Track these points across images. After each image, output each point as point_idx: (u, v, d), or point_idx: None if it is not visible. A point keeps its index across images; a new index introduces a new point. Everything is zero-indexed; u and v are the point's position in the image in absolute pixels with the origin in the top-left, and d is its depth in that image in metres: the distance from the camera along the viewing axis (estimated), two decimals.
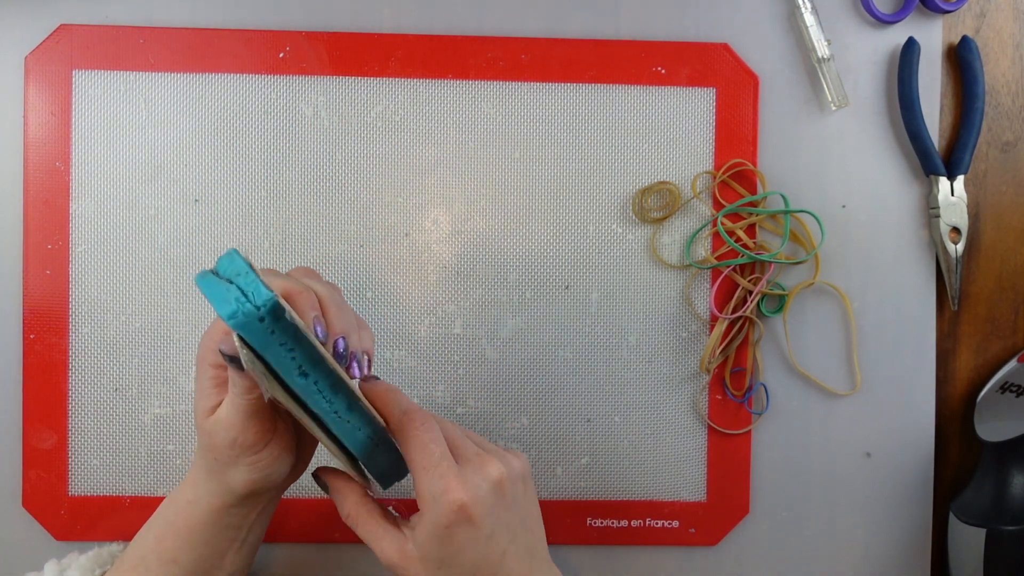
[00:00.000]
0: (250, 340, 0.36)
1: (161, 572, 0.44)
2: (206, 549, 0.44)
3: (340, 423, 0.41)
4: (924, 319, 0.57)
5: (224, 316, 0.34)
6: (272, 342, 0.36)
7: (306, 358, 0.38)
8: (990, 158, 0.58)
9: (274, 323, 0.36)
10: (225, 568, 0.45)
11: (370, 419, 0.42)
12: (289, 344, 0.37)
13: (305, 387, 0.38)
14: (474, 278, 0.55)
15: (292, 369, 0.38)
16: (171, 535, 0.44)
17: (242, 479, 0.42)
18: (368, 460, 0.43)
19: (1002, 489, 0.53)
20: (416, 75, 0.55)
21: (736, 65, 0.56)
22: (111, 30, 0.54)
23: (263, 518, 0.46)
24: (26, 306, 0.54)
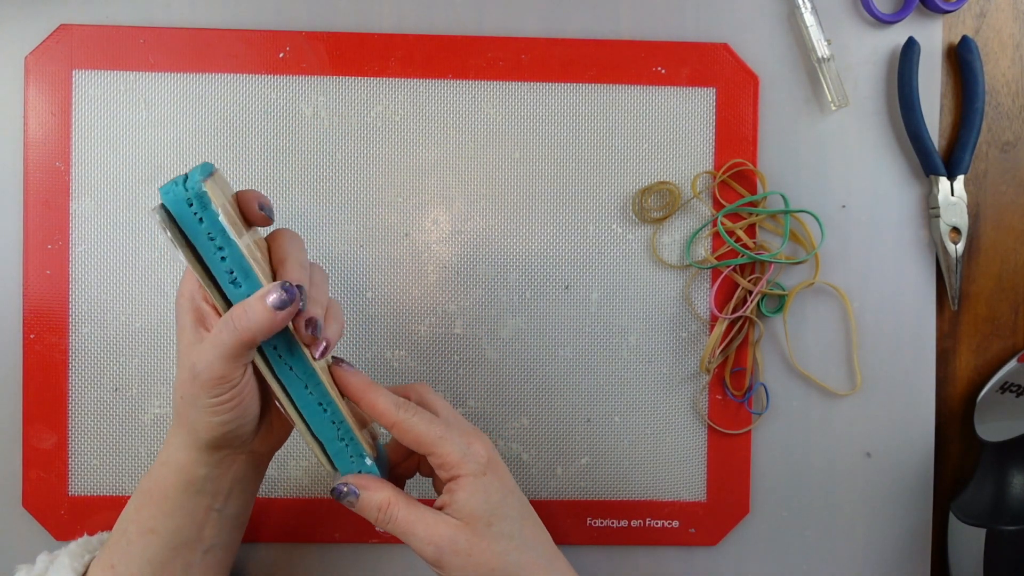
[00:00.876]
0: (179, 221, 0.37)
1: (141, 544, 0.43)
2: (182, 517, 0.43)
3: (282, 365, 0.41)
4: (924, 319, 0.57)
5: (159, 190, 0.37)
6: (200, 232, 0.38)
7: (237, 264, 0.38)
8: (990, 158, 0.58)
9: (202, 211, 0.37)
10: (204, 540, 0.44)
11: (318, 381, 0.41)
12: (218, 241, 0.38)
13: (239, 296, 0.39)
14: (474, 278, 0.55)
15: (223, 272, 0.38)
16: (148, 503, 0.43)
17: (204, 420, 0.40)
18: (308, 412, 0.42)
19: (1002, 489, 0.53)
20: (416, 75, 0.55)
21: (736, 65, 0.56)
22: (111, 30, 0.54)
23: (243, 489, 0.45)
24: (26, 306, 0.54)
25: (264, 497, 0.55)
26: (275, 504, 0.55)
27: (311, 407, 0.42)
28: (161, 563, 0.43)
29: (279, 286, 0.38)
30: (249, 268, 0.39)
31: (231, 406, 0.40)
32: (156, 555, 0.43)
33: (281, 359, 0.41)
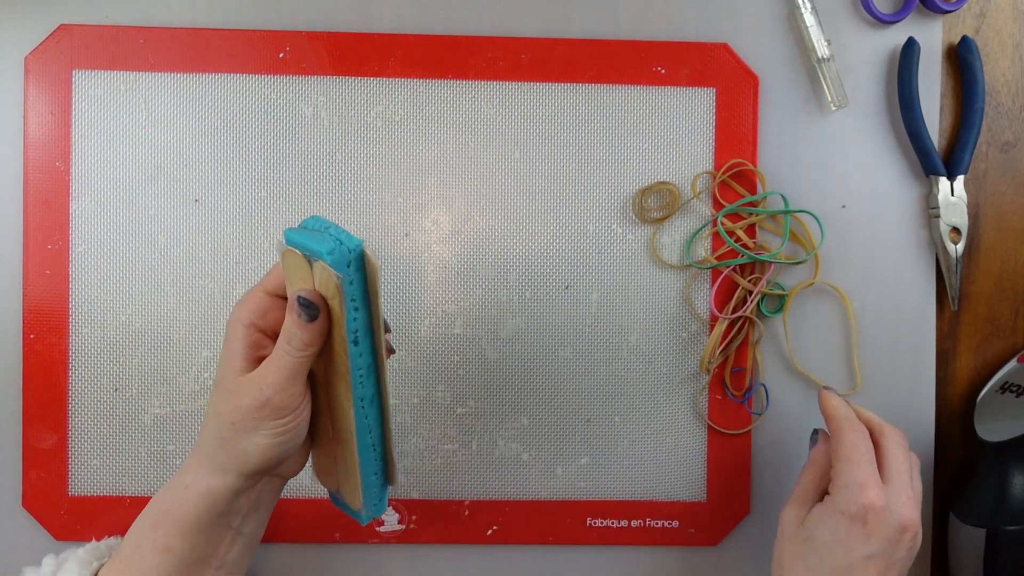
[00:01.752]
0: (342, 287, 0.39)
1: (155, 561, 0.43)
2: (200, 537, 0.43)
3: (361, 415, 0.42)
4: (924, 319, 0.57)
5: (323, 252, 0.38)
6: (348, 293, 0.39)
7: (363, 324, 0.40)
8: (990, 158, 0.58)
9: (355, 272, 0.39)
10: (219, 559, 0.44)
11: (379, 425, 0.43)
12: (356, 302, 0.40)
13: (353, 355, 0.41)
14: (474, 278, 0.55)
15: (351, 330, 0.40)
16: (166, 522, 0.43)
17: (260, 446, 0.41)
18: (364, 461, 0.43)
19: (1002, 489, 0.53)
20: (416, 75, 0.55)
21: (736, 65, 0.56)
22: (111, 30, 0.54)
23: (261, 509, 0.46)
24: (26, 306, 0.54)
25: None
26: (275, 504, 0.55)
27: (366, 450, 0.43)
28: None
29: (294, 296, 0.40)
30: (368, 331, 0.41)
31: (293, 428, 0.41)
32: (169, 573, 0.43)
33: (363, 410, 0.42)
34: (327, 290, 0.39)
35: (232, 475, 0.42)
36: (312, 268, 0.39)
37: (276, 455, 0.42)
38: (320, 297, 0.39)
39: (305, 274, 0.40)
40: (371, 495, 0.45)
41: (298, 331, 0.40)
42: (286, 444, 0.42)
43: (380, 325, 0.41)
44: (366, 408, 0.42)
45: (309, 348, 0.40)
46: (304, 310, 0.39)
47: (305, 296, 0.39)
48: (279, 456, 0.42)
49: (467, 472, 0.55)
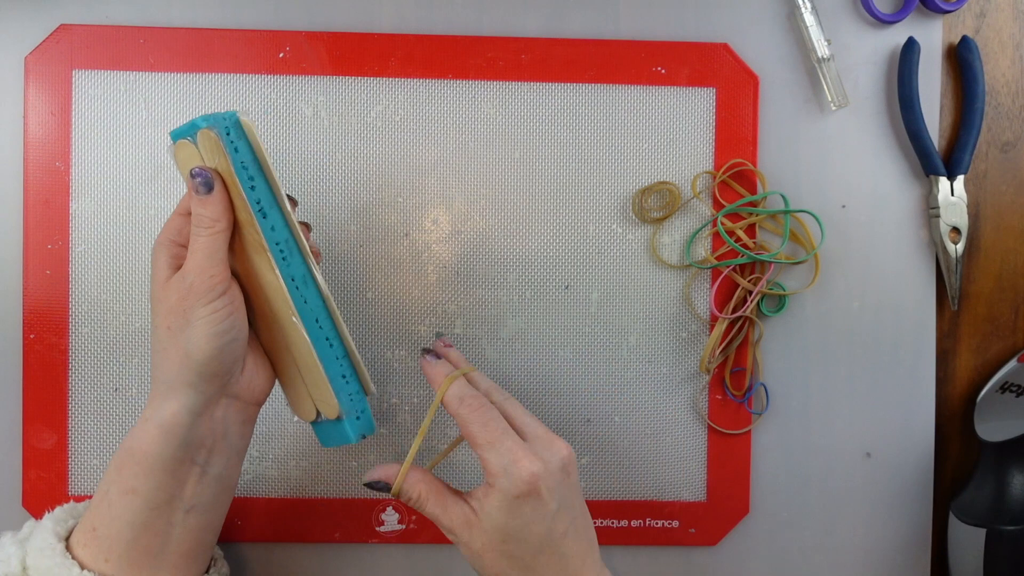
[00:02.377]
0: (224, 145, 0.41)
1: (121, 504, 0.42)
2: (165, 476, 0.42)
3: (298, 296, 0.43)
4: (924, 319, 0.57)
5: (198, 122, 0.41)
6: (235, 160, 0.41)
7: (266, 194, 0.42)
8: (990, 158, 0.58)
9: (237, 139, 0.42)
10: (185, 499, 0.43)
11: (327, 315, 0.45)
12: (249, 170, 0.42)
13: (263, 227, 0.42)
14: (474, 278, 0.55)
15: (252, 200, 0.42)
16: (129, 463, 0.42)
17: (198, 340, 0.41)
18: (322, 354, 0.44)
19: (1002, 489, 0.53)
20: (416, 75, 0.55)
21: (736, 65, 0.56)
22: (111, 30, 0.54)
23: (230, 444, 0.44)
24: (26, 306, 0.54)
25: (264, 497, 0.55)
26: (275, 504, 0.55)
27: (320, 343, 0.44)
28: (143, 524, 0.42)
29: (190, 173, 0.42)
30: (276, 200, 0.43)
31: (226, 312, 0.42)
32: (137, 516, 0.42)
33: (298, 290, 0.43)
34: (215, 158, 0.41)
35: (182, 389, 0.42)
36: (199, 149, 0.42)
37: (217, 347, 0.41)
38: (211, 169, 0.42)
39: (194, 159, 0.42)
40: (346, 400, 0.45)
41: (201, 208, 0.42)
42: (224, 335, 0.42)
43: (283, 197, 0.43)
44: (301, 289, 0.43)
45: (216, 223, 0.42)
46: (197, 180, 0.41)
47: (196, 168, 0.42)
48: (220, 349, 0.42)
49: (467, 472, 0.55)
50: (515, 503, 0.42)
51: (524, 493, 0.41)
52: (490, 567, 0.43)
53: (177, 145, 0.42)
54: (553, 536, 0.43)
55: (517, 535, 0.42)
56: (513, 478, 0.41)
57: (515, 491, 0.41)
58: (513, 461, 0.42)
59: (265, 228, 0.42)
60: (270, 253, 0.43)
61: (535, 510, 0.42)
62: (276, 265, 0.43)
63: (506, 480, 0.42)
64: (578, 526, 0.44)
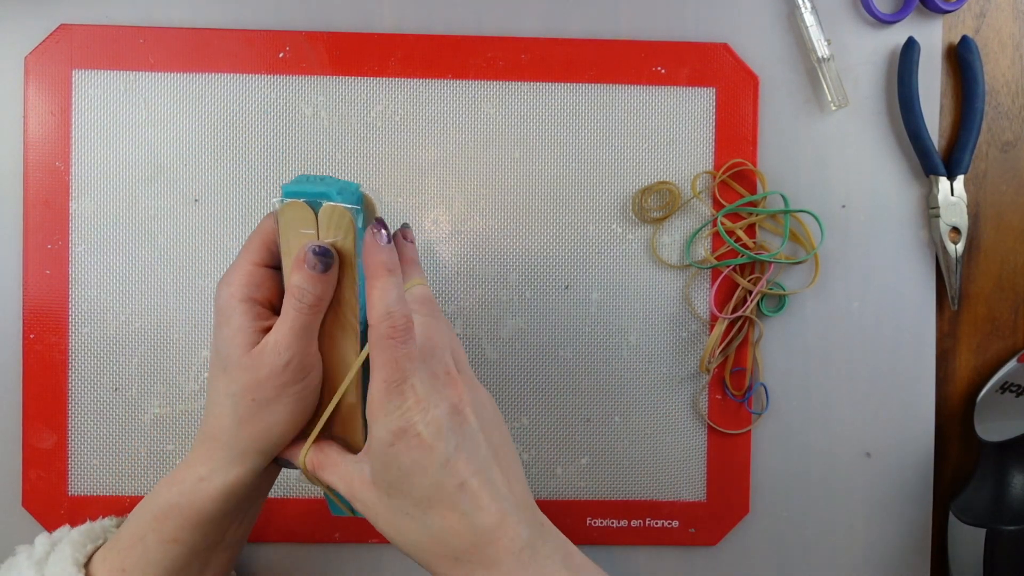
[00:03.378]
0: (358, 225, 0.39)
1: (160, 551, 0.41)
2: (212, 527, 0.42)
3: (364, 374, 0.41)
4: (924, 319, 0.57)
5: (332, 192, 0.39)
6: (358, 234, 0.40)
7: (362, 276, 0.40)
8: (990, 158, 0.58)
9: (358, 214, 0.39)
10: (227, 542, 0.44)
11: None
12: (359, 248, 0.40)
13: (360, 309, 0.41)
14: (474, 278, 0.55)
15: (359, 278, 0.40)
16: (174, 515, 0.41)
17: (284, 416, 0.40)
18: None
19: (1002, 489, 0.53)
20: (416, 75, 0.55)
21: (736, 65, 0.56)
22: (111, 30, 0.54)
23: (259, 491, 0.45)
24: (26, 306, 0.54)
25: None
26: (274, 504, 0.55)
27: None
28: (179, 568, 0.42)
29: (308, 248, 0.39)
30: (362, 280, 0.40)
31: (313, 389, 0.40)
32: (175, 561, 0.42)
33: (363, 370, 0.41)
34: (338, 233, 0.39)
35: (254, 458, 0.40)
36: (317, 216, 0.39)
37: (299, 423, 0.40)
38: (332, 245, 0.39)
39: (308, 224, 0.39)
40: None
41: (310, 285, 0.39)
42: (308, 410, 0.41)
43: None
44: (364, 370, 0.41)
45: (321, 301, 0.40)
46: (320, 259, 0.39)
47: (319, 246, 0.39)
48: (302, 424, 0.41)
49: None
50: (391, 451, 0.37)
51: (397, 439, 0.37)
52: (384, 525, 0.39)
53: (289, 204, 0.39)
54: (445, 488, 0.37)
55: (398, 486, 0.38)
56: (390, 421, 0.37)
57: (389, 437, 0.37)
58: (397, 406, 0.37)
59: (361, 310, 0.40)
60: (359, 327, 0.40)
61: (415, 459, 0.37)
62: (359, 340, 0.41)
63: (383, 421, 0.37)
64: (485, 478, 0.38)
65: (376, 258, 0.39)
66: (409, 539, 0.39)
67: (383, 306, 0.38)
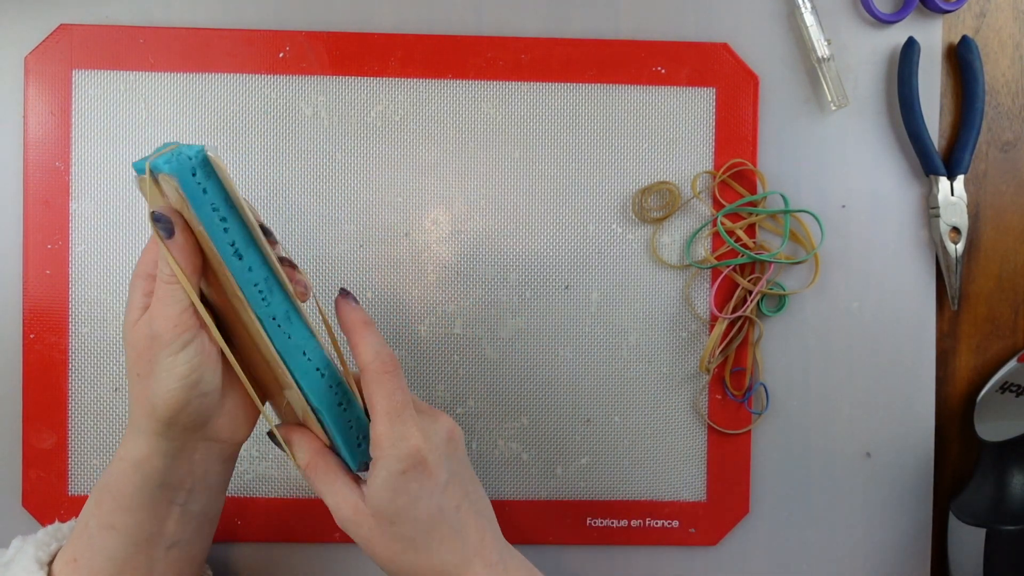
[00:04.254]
0: (185, 190, 0.37)
1: (101, 539, 0.42)
2: (143, 513, 0.41)
3: (280, 334, 0.40)
4: (924, 319, 0.57)
5: (160, 163, 0.36)
6: (204, 202, 0.37)
7: (240, 234, 0.38)
8: (990, 158, 0.58)
9: (205, 179, 0.37)
10: (167, 536, 0.42)
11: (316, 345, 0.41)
12: (221, 211, 0.38)
13: (240, 269, 0.39)
14: (474, 278, 0.55)
15: (225, 244, 0.38)
16: (108, 498, 0.41)
17: (164, 389, 0.39)
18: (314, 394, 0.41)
19: (1002, 489, 0.53)
20: (416, 75, 0.55)
21: (736, 65, 0.56)
22: (111, 30, 0.54)
23: (210, 484, 0.43)
24: (26, 306, 0.54)
25: (262, 497, 0.55)
26: (274, 504, 0.55)
27: (310, 375, 0.41)
28: (123, 559, 0.42)
29: (151, 216, 0.38)
30: (249, 238, 0.39)
31: (191, 366, 0.39)
32: (117, 551, 0.42)
33: (280, 328, 0.40)
34: (177, 202, 0.38)
35: (152, 435, 0.40)
36: (161, 188, 0.38)
37: (181, 401, 0.39)
38: (173, 211, 0.38)
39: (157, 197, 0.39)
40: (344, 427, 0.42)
41: (164, 253, 0.38)
42: (190, 389, 0.39)
43: (260, 234, 0.39)
44: (284, 327, 0.40)
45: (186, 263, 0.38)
46: (158, 224, 0.38)
47: (157, 211, 0.38)
48: (185, 403, 0.39)
49: None
50: (401, 479, 0.39)
51: (409, 467, 0.39)
52: (381, 553, 0.41)
53: (140, 179, 0.39)
54: (445, 511, 0.41)
55: (406, 514, 0.40)
56: (400, 451, 0.39)
57: (400, 466, 0.39)
58: (403, 436, 0.39)
59: (242, 270, 0.39)
60: (244, 295, 0.39)
61: (422, 485, 0.40)
62: (254, 307, 0.39)
63: (393, 454, 0.39)
64: (472, 500, 0.42)
65: (351, 317, 0.42)
66: (405, 563, 0.41)
67: (371, 350, 0.41)
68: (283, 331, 0.40)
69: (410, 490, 0.40)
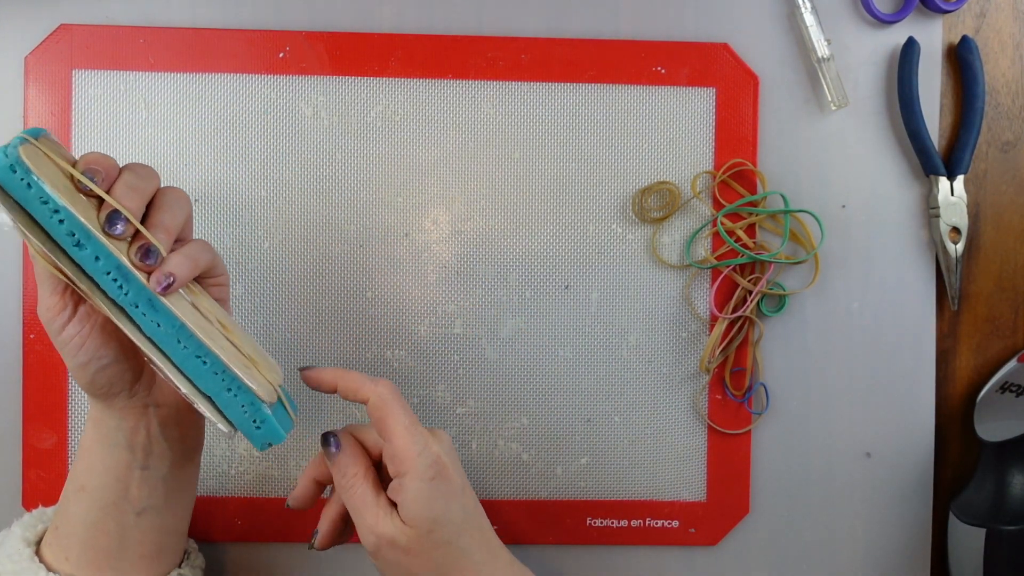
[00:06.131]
0: (8, 189, 0.36)
1: (76, 502, 0.44)
2: (105, 474, 0.43)
3: (147, 323, 0.39)
4: (924, 319, 0.57)
5: None
6: (32, 198, 0.37)
7: (76, 223, 0.37)
8: (990, 158, 0.58)
9: (26, 175, 0.36)
10: (133, 501, 0.44)
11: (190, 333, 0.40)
12: (51, 204, 0.37)
13: (86, 260, 0.38)
14: (474, 278, 0.55)
15: (63, 234, 0.37)
16: (80, 459, 0.44)
17: (68, 365, 0.41)
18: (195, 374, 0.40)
19: (1002, 489, 0.53)
20: (416, 75, 0.55)
21: (736, 65, 0.56)
22: (111, 30, 0.54)
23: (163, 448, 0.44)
24: (26, 306, 0.54)
25: (264, 497, 0.55)
26: (274, 504, 0.55)
27: (190, 362, 0.40)
28: (94, 523, 0.43)
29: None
30: (87, 229, 0.37)
31: (77, 343, 0.40)
32: (88, 514, 0.43)
33: (146, 316, 0.39)
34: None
35: (93, 401, 0.43)
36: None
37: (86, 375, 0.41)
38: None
39: None
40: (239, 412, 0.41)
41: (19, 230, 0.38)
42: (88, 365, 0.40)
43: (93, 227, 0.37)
44: (150, 315, 0.39)
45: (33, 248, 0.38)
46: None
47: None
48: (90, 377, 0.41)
49: (467, 472, 0.55)
50: (432, 487, 0.42)
51: (435, 474, 0.42)
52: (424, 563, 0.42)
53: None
54: (468, 511, 0.43)
55: (443, 518, 0.42)
56: (427, 460, 0.42)
57: (430, 474, 0.42)
58: (425, 444, 0.42)
59: (87, 260, 0.38)
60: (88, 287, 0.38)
61: (449, 489, 0.42)
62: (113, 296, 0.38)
63: (422, 465, 0.42)
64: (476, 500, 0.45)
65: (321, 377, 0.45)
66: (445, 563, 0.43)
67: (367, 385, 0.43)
68: (149, 319, 0.39)
69: (441, 494, 0.42)
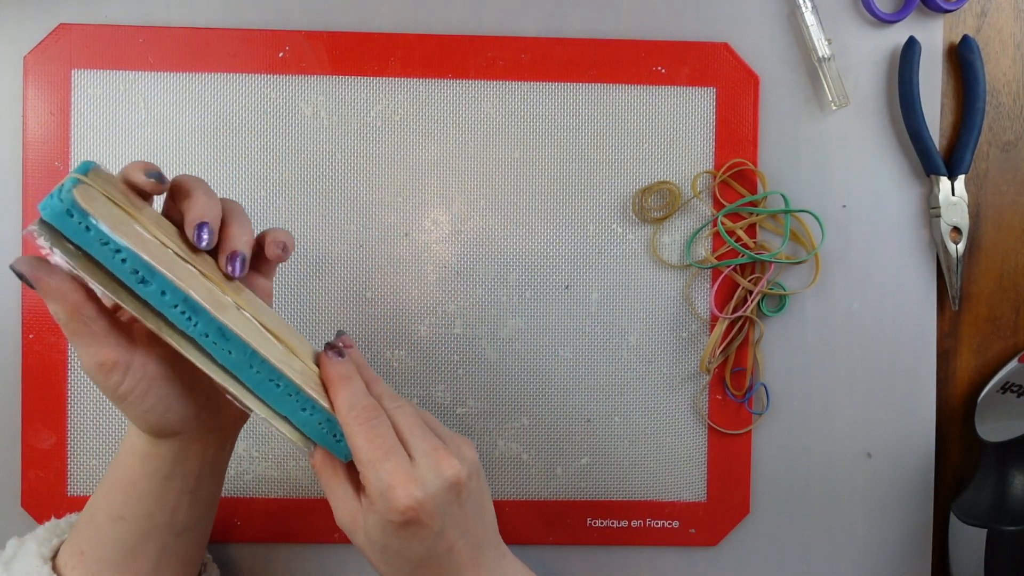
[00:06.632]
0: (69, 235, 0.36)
1: (111, 530, 0.42)
2: (152, 502, 0.42)
3: (220, 352, 0.39)
4: (924, 319, 0.57)
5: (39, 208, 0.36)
6: (92, 240, 0.36)
7: (139, 260, 0.37)
8: (991, 158, 0.58)
9: (83, 218, 0.36)
10: (178, 523, 0.43)
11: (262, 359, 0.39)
12: (111, 244, 0.36)
13: (152, 296, 0.37)
14: (474, 278, 0.55)
15: (126, 272, 0.37)
16: (116, 490, 0.42)
17: (130, 417, 0.40)
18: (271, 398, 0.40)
19: (1003, 489, 0.53)
20: (416, 75, 0.55)
21: (736, 65, 0.56)
22: (110, 30, 0.54)
23: (211, 471, 0.44)
24: (26, 306, 0.54)
25: (264, 497, 0.55)
26: (275, 504, 0.55)
27: (264, 386, 0.40)
28: (133, 548, 0.42)
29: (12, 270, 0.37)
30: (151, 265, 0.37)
31: (141, 393, 0.39)
32: (127, 541, 0.42)
33: (216, 345, 0.39)
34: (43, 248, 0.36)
35: (145, 438, 0.41)
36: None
37: (145, 422, 0.40)
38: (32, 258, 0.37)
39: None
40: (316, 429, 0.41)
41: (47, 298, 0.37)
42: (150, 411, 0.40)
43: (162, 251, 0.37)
44: (220, 344, 0.39)
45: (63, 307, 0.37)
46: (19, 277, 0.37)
47: (13, 266, 0.37)
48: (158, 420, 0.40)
49: None
50: (391, 527, 0.39)
51: (401, 522, 0.38)
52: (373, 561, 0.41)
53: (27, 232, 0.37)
54: (436, 552, 0.40)
55: (396, 552, 0.40)
56: (390, 504, 0.38)
57: (393, 518, 0.38)
58: (389, 487, 0.38)
59: (153, 296, 0.37)
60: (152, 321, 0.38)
61: (414, 535, 0.39)
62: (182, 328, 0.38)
63: (382, 504, 0.38)
64: (468, 538, 0.41)
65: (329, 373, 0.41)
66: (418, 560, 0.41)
67: (345, 404, 0.40)
68: (221, 348, 0.39)
69: (400, 537, 0.39)
